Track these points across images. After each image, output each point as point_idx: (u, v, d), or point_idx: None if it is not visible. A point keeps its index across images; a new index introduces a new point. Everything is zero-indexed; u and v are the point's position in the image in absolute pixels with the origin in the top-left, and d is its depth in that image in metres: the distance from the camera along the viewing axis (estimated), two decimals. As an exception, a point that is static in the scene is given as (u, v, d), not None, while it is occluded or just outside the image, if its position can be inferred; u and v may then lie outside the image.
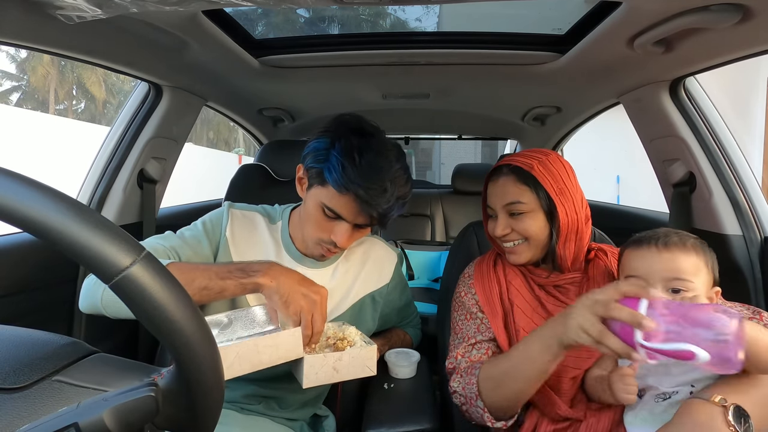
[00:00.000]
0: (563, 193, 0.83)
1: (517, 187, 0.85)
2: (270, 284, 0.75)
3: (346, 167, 0.78)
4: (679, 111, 1.24)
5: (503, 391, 0.75)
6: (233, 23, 1.13)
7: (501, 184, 0.88)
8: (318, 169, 0.83)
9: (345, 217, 0.83)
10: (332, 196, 0.81)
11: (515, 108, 1.90)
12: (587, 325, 0.59)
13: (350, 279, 0.99)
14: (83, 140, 6.77)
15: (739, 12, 0.79)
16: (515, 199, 0.85)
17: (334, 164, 0.79)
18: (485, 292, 0.89)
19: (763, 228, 1.18)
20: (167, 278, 0.32)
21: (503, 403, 0.76)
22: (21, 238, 1.13)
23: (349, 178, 0.78)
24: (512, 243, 0.87)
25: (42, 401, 0.37)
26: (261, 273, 0.76)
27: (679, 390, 0.69)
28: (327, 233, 0.85)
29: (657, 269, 0.68)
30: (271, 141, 2.10)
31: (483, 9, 0.90)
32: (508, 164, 0.88)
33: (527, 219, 0.84)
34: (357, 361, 0.79)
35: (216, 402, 0.38)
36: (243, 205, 1.00)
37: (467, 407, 0.80)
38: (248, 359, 0.70)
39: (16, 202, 0.28)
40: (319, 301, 0.77)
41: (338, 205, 0.82)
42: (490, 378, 0.77)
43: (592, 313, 0.59)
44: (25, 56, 18.15)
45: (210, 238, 0.91)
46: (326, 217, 0.84)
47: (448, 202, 2.38)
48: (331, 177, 0.80)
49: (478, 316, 0.88)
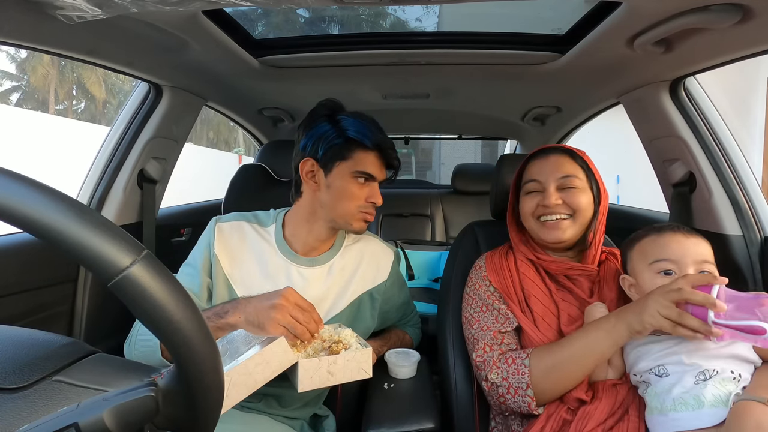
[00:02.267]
0: (603, 188, 0.92)
1: (572, 165, 0.90)
2: (239, 320, 0.79)
3: (363, 128, 0.91)
4: (679, 111, 1.24)
5: (556, 377, 0.77)
6: (233, 23, 1.13)
7: (554, 160, 0.91)
8: (337, 146, 0.90)
9: (375, 175, 0.93)
10: (360, 160, 0.91)
11: (515, 108, 1.90)
12: (666, 310, 0.66)
13: (347, 276, 0.99)
14: (83, 140, 6.77)
15: (739, 12, 0.79)
16: (571, 173, 0.89)
17: (356, 127, 0.91)
18: (502, 282, 0.91)
19: (763, 228, 1.18)
20: (167, 278, 0.32)
21: (554, 392, 0.78)
22: (21, 238, 1.13)
23: (372, 133, 0.91)
24: (558, 216, 0.88)
25: (42, 401, 0.37)
26: (230, 312, 0.80)
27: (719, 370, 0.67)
28: (362, 199, 0.93)
29: (689, 253, 0.74)
30: (271, 141, 2.10)
31: (483, 9, 0.90)
32: (558, 147, 0.94)
33: (580, 194, 0.88)
34: (352, 364, 0.79)
35: (216, 402, 0.38)
36: (231, 216, 1.01)
37: (509, 397, 0.80)
38: (243, 383, 0.69)
39: (16, 202, 0.28)
40: (286, 301, 0.77)
41: (368, 164, 0.92)
42: (544, 367, 0.78)
43: (669, 300, 0.66)
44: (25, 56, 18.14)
45: (203, 267, 0.94)
46: (359, 184, 0.92)
47: (448, 202, 2.37)
48: (360, 135, 0.90)
49: (495, 307, 0.89)
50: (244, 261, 0.94)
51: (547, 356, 0.79)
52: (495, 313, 0.89)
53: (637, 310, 0.70)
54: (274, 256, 0.95)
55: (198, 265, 0.94)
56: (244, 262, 0.94)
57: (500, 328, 0.87)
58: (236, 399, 0.69)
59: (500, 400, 0.82)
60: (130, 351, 0.86)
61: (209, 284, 0.93)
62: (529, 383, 0.78)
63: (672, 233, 0.77)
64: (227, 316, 0.79)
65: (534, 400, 0.78)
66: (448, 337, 1.02)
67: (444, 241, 2.29)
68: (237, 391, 0.69)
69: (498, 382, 0.81)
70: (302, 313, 0.78)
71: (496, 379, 0.81)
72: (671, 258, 0.74)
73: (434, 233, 2.32)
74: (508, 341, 0.86)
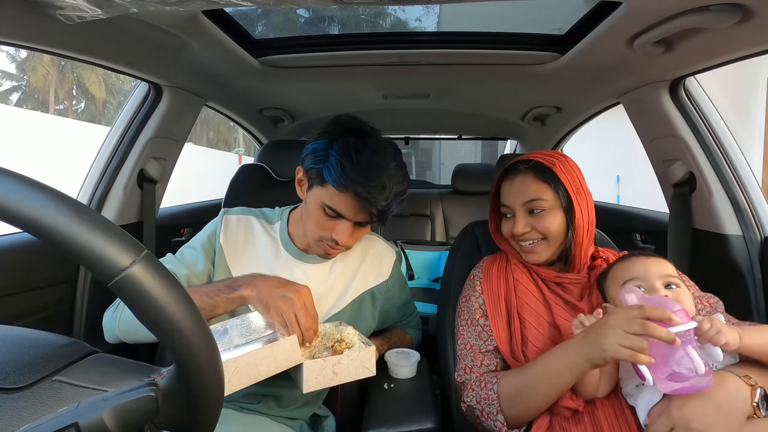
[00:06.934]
0: (579, 193, 0.85)
1: (538, 185, 0.85)
2: (251, 294, 0.80)
3: (344, 166, 0.80)
4: (679, 111, 1.24)
5: (522, 406, 0.75)
6: (233, 23, 1.13)
7: (519, 183, 0.87)
8: (317, 170, 0.84)
9: (345, 215, 0.84)
10: (332, 195, 0.83)
11: (515, 108, 1.90)
12: (628, 342, 0.62)
13: (348, 275, 0.99)
14: (83, 140, 6.77)
15: (739, 12, 0.79)
16: (536, 197, 0.85)
17: (333, 164, 0.81)
18: (491, 293, 0.89)
19: (763, 228, 1.18)
20: (167, 278, 0.32)
21: (522, 416, 0.76)
22: (21, 238, 1.13)
23: (348, 176, 0.80)
24: (531, 242, 0.87)
25: (42, 401, 0.37)
26: (244, 286, 0.81)
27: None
28: (328, 231, 0.87)
29: (653, 270, 0.76)
30: (271, 141, 2.10)
31: (483, 9, 0.90)
32: (526, 162, 0.87)
33: (548, 217, 0.85)
34: (356, 363, 0.79)
35: (216, 402, 0.38)
36: (239, 210, 1.02)
37: (483, 420, 0.80)
38: (247, 373, 0.70)
39: (16, 202, 0.28)
40: (298, 298, 0.78)
41: (338, 203, 0.83)
42: (509, 393, 0.77)
43: (631, 332, 0.62)
44: (25, 56, 18.14)
45: (206, 251, 0.94)
46: (327, 216, 0.86)
47: (448, 202, 2.38)
48: (330, 176, 0.81)
49: (479, 323, 0.88)
50: (248, 254, 0.95)
51: (513, 381, 0.77)
52: (478, 329, 0.88)
53: (592, 343, 0.66)
54: (278, 252, 0.96)
55: (201, 249, 0.94)
56: (248, 255, 0.95)
57: (482, 347, 0.86)
58: (237, 387, 0.69)
59: (476, 421, 0.82)
60: (113, 321, 0.86)
61: (210, 271, 0.94)
62: (499, 409, 0.77)
63: (636, 257, 0.80)
64: (240, 288, 0.80)
65: (504, 425, 0.77)
66: (448, 338, 1.02)
67: (444, 241, 2.29)
68: (239, 380, 0.69)
69: (473, 405, 0.81)
70: (306, 318, 0.78)
71: (471, 402, 0.82)
72: (638, 276, 0.77)
73: (434, 233, 2.32)
74: (488, 362, 0.85)
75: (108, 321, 0.88)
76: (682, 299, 0.73)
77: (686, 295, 0.74)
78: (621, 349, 0.62)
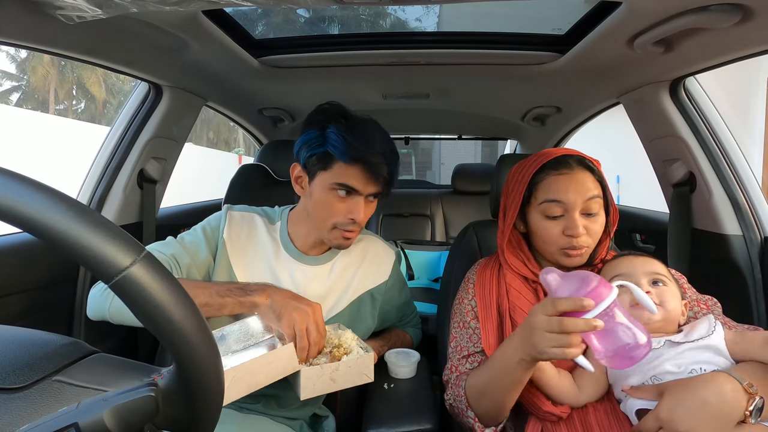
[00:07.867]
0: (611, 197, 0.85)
1: (594, 182, 0.80)
2: (265, 302, 0.80)
3: (347, 139, 0.83)
4: (679, 111, 1.23)
5: (487, 401, 0.76)
6: (233, 23, 1.13)
7: (580, 178, 0.79)
8: (319, 155, 0.86)
9: (358, 188, 0.85)
10: (342, 172, 0.85)
11: (515, 108, 1.90)
12: (554, 342, 0.61)
13: (348, 276, 0.99)
14: (83, 140, 6.77)
15: (739, 12, 0.79)
16: (595, 194, 0.79)
17: (335, 140, 0.83)
18: (484, 297, 0.89)
19: (763, 228, 1.18)
20: (167, 278, 0.32)
21: (490, 412, 0.76)
22: (21, 238, 1.13)
23: (354, 147, 0.82)
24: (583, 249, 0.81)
25: (42, 401, 0.37)
26: (258, 292, 0.81)
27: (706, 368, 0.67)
28: (342, 214, 0.87)
29: (638, 267, 0.77)
30: (271, 141, 2.10)
31: (483, 9, 0.90)
32: (574, 157, 0.82)
33: (598, 219, 0.81)
34: (354, 370, 0.79)
35: (216, 402, 0.38)
36: (242, 207, 1.02)
37: (461, 417, 0.81)
38: (245, 381, 0.70)
39: (16, 202, 0.28)
40: (311, 313, 0.79)
41: (349, 177, 0.84)
42: (474, 388, 0.78)
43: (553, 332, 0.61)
44: (25, 56, 18.14)
45: (208, 242, 0.94)
46: (338, 197, 0.86)
47: (448, 202, 2.38)
48: (337, 151, 0.83)
49: (471, 326, 0.88)
50: (250, 252, 0.95)
51: (475, 378, 0.78)
52: (469, 332, 0.88)
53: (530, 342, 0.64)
54: (278, 253, 0.96)
55: (204, 239, 0.93)
56: (250, 253, 0.95)
57: (470, 348, 0.86)
58: (235, 396, 0.69)
59: (458, 418, 0.83)
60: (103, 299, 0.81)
61: (210, 264, 0.93)
62: (468, 405, 0.78)
63: (623, 256, 0.81)
64: (254, 294, 0.81)
65: (476, 421, 0.77)
66: (448, 338, 1.01)
67: (444, 241, 2.29)
68: (237, 389, 0.69)
69: (452, 402, 0.83)
70: (316, 333, 0.79)
71: (450, 399, 0.83)
72: (624, 273, 0.77)
73: (434, 233, 2.33)
74: (472, 361, 0.85)
75: (95, 297, 0.83)
76: (666, 297, 0.73)
77: (671, 294, 0.74)
78: (552, 350, 0.61)
